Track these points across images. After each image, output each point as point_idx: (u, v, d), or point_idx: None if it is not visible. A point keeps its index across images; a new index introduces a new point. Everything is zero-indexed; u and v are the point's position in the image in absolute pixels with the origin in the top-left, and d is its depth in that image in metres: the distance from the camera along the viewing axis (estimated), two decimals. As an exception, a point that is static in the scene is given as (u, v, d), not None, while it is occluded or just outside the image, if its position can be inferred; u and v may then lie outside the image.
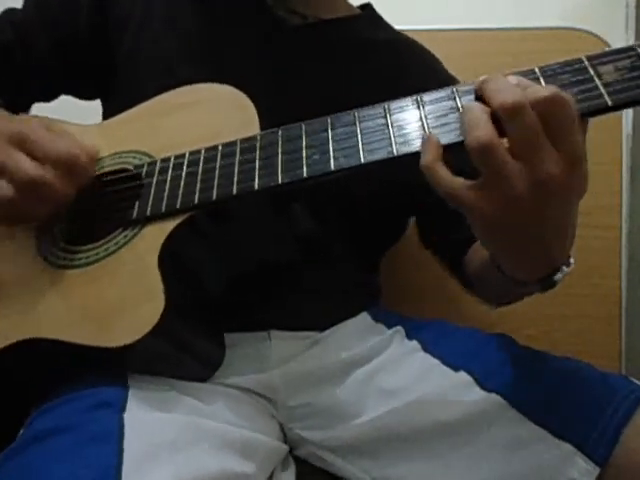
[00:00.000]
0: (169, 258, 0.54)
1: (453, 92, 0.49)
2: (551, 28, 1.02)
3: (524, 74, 0.47)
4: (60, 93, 0.79)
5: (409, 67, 0.77)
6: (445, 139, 0.47)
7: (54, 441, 0.48)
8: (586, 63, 0.46)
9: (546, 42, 1.01)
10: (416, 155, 0.47)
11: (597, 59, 0.46)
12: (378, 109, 0.51)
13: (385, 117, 0.51)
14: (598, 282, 0.97)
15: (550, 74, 0.47)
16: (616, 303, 0.97)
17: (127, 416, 0.50)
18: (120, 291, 0.54)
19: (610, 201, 0.95)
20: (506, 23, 1.04)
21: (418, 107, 0.50)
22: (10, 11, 0.75)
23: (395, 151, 0.48)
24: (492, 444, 0.58)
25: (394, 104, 0.51)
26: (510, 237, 0.47)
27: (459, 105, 0.48)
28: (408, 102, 0.50)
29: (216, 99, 0.62)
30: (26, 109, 0.79)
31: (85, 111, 0.78)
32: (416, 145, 0.48)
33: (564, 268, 0.51)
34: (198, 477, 0.48)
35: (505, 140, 0.44)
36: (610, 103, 0.45)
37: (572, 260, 0.52)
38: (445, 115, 0.48)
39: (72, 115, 0.71)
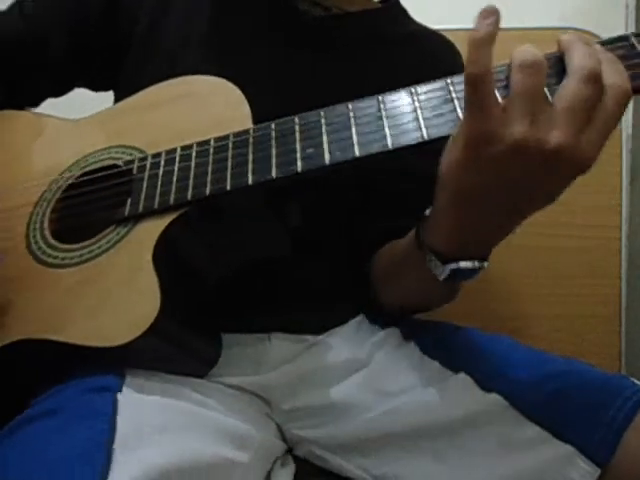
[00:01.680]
0: (164, 255, 0.53)
1: (447, 84, 0.49)
2: (551, 28, 1.02)
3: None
4: (72, 87, 0.79)
5: (431, 62, 0.74)
6: (436, 131, 0.47)
7: (46, 421, 0.48)
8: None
9: (546, 42, 1.01)
10: (410, 147, 0.48)
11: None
12: (371, 101, 0.51)
13: (379, 109, 0.50)
14: (598, 282, 0.97)
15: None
16: (616, 303, 0.97)
17: (121, 397, 0.50)
18: (116, 290, 0.53)
19: (610, 201, 0.95)
20: (506, 23, 1.04)
21: (412, 98, 0.49)
22: (20, 3, 0.75)
23: (390, 144, 0.48)
24: (492, 444, 0.58)
25: (388, 96, 0.51)
26: (480, 209, 0.48)
27: (454, 97, 0.48)
28: (402, 94, 0.50)
29: (208, 92, 0.61)
30: (35, 104, 0.78)
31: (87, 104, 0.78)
32: (411, 137, 0.48)
33: None
34: (189, 460, 0.48)
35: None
36: None
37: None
38: (439, 106, 0.48)
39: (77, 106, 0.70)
